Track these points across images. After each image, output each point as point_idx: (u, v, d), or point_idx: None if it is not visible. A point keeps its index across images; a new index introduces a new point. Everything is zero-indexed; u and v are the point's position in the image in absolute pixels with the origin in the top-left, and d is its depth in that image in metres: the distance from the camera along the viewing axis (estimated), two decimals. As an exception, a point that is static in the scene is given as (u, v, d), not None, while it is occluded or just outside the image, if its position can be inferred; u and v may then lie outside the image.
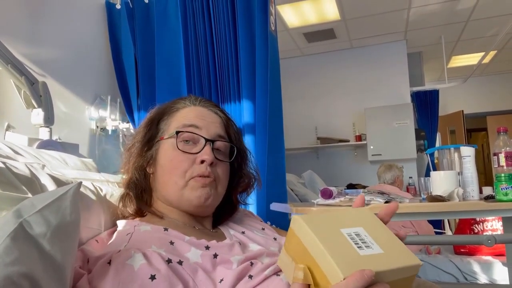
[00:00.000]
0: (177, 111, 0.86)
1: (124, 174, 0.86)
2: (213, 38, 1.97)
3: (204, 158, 0.78)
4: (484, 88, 6.00)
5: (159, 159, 0.82)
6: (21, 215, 0.51)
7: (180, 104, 0.87)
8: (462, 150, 1.50)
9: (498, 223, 2.49)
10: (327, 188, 1.47)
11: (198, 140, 0.81)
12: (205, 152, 0.79)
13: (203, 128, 0.82)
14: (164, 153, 0.81)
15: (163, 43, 2.11)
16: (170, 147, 0.81)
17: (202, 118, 0.84)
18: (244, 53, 1.87)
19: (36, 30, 1.69)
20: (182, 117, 0.84)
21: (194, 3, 2.01)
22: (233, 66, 1.92)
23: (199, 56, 2.01)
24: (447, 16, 3.92)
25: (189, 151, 0.79)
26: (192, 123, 0.82)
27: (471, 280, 2.25)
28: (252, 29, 1.88)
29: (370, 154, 4.31)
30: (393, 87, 4.51)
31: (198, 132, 0.81)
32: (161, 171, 0.81)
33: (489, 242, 1.23)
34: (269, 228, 0.92)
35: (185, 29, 2.02)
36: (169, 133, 0.82)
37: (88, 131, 1.98)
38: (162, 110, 0.87)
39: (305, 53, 4.86)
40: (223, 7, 1.94)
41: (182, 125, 0.81)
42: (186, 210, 0.81)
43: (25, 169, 0.74)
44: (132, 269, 0.59)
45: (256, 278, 0.64)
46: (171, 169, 0.79)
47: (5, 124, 1.48)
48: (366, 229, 0.54)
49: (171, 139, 0.81)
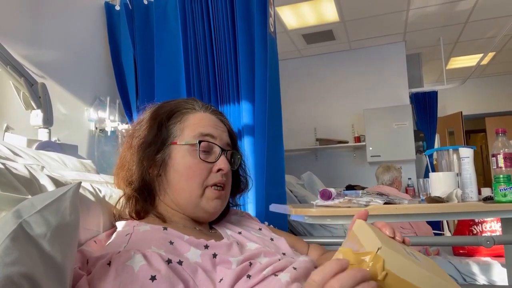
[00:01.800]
0: (188, 116, 0.86)
1: (123, 172, 0.84)
2: (212, 40, 1.98)
3: (222, 167, 0.82)
4: (482, 90, 6.01)
5: (173, 164, 0.82)
6: (21, 215, 0.51)
7: (189, 107, 0.87)
8: (461, 151, 1.50)
9: (497, 224, 2.49)
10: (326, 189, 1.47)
11: (212, 149, 0.84)
12: (222, 161, 0.83)
13: (218, 137, 0.85)
14: (180, 159, 0.81)
15: (162, 44, 2.11)
16: (187, 153, 0.81)
17: (215, 127, 0.86)
18: (243, 54, 1.87)
19: (35, 31, 1.69)
20: (196, 124, 0.84)
21: (193, 5, 2.02)
22: (232, 67, 1.92)
23: (198, 58, 2.01)
24: (446, 17, 3.93)
25: (206, 160, 0.82)
26: (209, 133, 0.84)
27: (470, 281, 2.25)
28: (251, 30, 1.88)
29: (369, 155, 4.32)
30: (392, 89, 4.52)
31: (214, 141, 0.84)
32: (177, 176, 0.81)
33: (488, 243, 1.23)
34: (266, 228, 0.93)
35: (185, 30, 2.02)
36: (185, 140, 0.82)
37: (87, 132, 1.98)
38: (170, 111, 0.86)
39: (304, 55, 4.86)
40: (222, 9, 1.94)
41: (199, 134, 0.83)
42: (197, 216, 0.83)
43: (24, 170, 0.74)
44: (132, 270, 0.60)
45: (254, 278, 0.64)
46: (190, 176, 0.81)
47: (4, 125, 1.48)
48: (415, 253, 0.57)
49: (187, 145, 0.82)
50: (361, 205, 1.36)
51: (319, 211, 1.37)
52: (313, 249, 0.96)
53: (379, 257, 0.47)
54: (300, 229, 2.55)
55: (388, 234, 0.60)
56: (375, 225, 0.62)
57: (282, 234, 0.93)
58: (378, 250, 0.47)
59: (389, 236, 0.60)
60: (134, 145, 0.85)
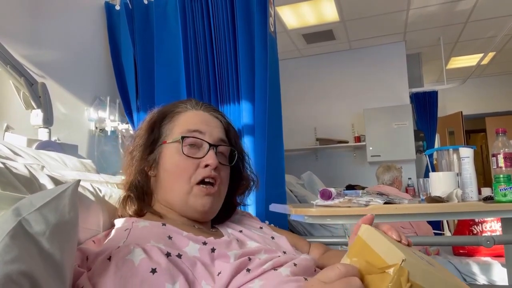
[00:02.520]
0: (179, 115, 0.87)
1: (125, 176, 0.87)
2: (212, 39, 1.98)
3: (209, 162, 0.80)
4: (483, 90, 6.01)
5: (162, 163, 0.83)
6: (20, 213, 0.51)
7: (181, 107, 0.88)
8: (461, 151, 1.50)
9: (497, 224, 2.49)
10: (326, 189, 1.47)
11: (201, 145, 0.83)
12: (210, 156, 0.81)
13: (207, 133, 0.84)
14: (168, 157, 0.82)
15: (162, 44, 2.11)
16: (175, 151, 0.82)
17: (205, 123, 0.86)
18: (243, 54, 1.87)
19: (35, 31, 1.69)
20: (185, 121, 0.85)
21: (193, 4, 2.02)
22: (232, 67, 1.92)
23: (198, 57, 2.01)
24: (446, 17, 3.93)
25: (193, 156, 0.81)
26: (196, 129, 0.83)
27: (470, 281, 2.25)
28: (251, 30, 1.88)
29: (369, 155, 4.31)
30: (392, 88, 4.52)
31: (202, 137, 0.83)
32: (166, 175, 0.82)
33: (488, 243, 1.23)
34: (267, 227, 0.93)
35: (185, 30, 2.02)
36: (173, 138, 0.83)
37: (87, 132, 1.98)
38: (163, 113, 0.88)
39: (304, 54, 4.86)
40: (222, 8, 1.94)
41: (186, 130, 0.83)
42: (189, 215, 0.82)
43: (24, 169, 0.74)
44: (132, 264, 0.60)
45: (253, 271, 0.64)
46: (177, 173, 0.81)
47: (4, 125, 1.48)
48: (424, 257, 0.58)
49: (175, 143, 0.82)
50: (361, 205, 1.36)
51: (319, 211, 1.37)
52: (314, 248, 0.96)
53: (404, 269, 0.47)
54: (300, 229, 2.55)
55: (395, 238, 0.60)
56: (380, 229, 0.61)
57: (283, 233, 0.93)
58: (403, 262, 0.47)
59: (396, 240, 0.60)
60: (132, 148, 0.87)
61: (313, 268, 0.72)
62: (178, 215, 0.83)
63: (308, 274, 0.68)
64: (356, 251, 0.55)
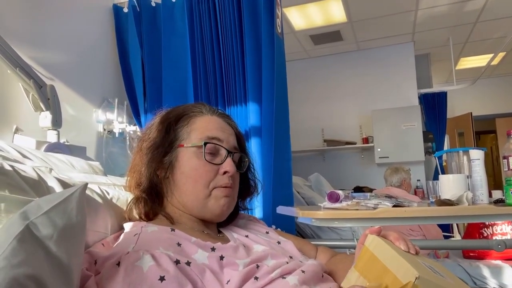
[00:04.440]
0: (195, 119, 0.87)
1: (133, 175, 0.86)
2: (219, 41, 1.98)
3: (228, 169, 0.83)
4: (493, 90, 5.94)
5: (179, 166, 0.83)
6: (28, 217, 0.51)
7: (196, 111, 0.89)
8: (471, 153, 1.48)
9: (508, 227, 2.46)
10: (334, 191, 1.45)
11: (219, 151, 0.85)
12: (228, 163, 0.84)
13: (224, 140, 0.86)
14: (187, 161, 0.83)
15: (169, 46, 2.12)
16: (193, 155, 0.83)
17: (222, 130, 0.87)
18: (251, 55, 1.87)
19: (44, 33, 1.71)
20: (203, 127, 0.86)
21: (200, 6, 2.02)
22: (240, 68, 1.92)
23: (205, 59, 2.01)
24: (455, 17, 3.89)
25: (212, 162, 0.83)
26: (215, 136, 0.85)
27: (480, 285, 2.22)
28: (258, 31, 1.88)
29: (377, 156, 4.28)
30: (400, 89, 4.48)
31: (221, 144, 0.85)
32: (183, 178, 0.82)
33: (499, 247, 1.21)
34: (273, 231, 0.92)
35: (192, 32, 2.02)
36: (191, 142, 0.84)
37: (95, 134, 1.99)
38: (177, 115, 0.88)
39: (312, 56, 4.85)
40: (229, 10, 1.94)
41: (206, 137, 0.84)
42: (205, 217, 0.83)
43: (32, 172, 0.74)
44: (141, 270, 0.60)
45: (262, 280, 0.64)
46: (196, 177, 0.82)
47: (13, 127, 1.49)
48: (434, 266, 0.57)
49: (194, 148, 0.83)
50: (369, 208, 1.35)
51: (326, 214, 1.36)
52: (321, 253, 0.95)
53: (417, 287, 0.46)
54: (308, 231, 2.54)
55: (403, 248, 0.59)
56: (388, 238, 0.60)
57: (289, 237, 0.93)
58: (416, 280, 0.46)
59: (404, 250, 0.59)
60: (143, 148, 0.86)
61: (320, 273, 0.71)
62: (190, 219, 0.83)
63: (316, 280, 0.67)
64: (364, 263, 0.54)
